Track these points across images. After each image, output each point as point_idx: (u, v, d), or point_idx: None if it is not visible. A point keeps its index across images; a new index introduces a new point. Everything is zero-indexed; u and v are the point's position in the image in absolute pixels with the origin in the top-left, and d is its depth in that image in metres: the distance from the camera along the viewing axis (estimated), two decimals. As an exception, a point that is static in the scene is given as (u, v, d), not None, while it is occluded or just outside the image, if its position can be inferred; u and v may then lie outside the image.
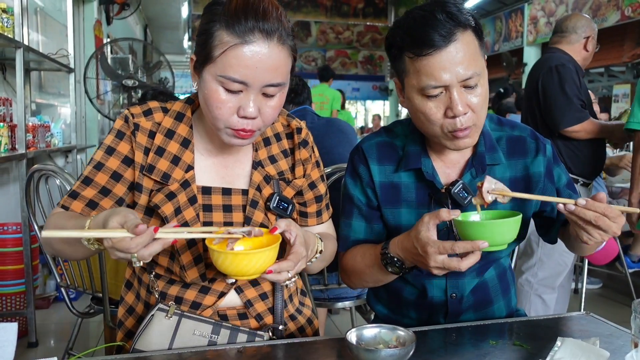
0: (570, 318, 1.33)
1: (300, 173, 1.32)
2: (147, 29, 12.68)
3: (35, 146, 3.57)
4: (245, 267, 1.00)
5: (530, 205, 1.36)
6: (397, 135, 1.39)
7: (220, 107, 1.10)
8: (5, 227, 3.18)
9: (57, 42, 4.92)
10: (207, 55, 1.09)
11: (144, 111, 1.22)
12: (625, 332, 1.20)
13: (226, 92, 1.09)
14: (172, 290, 1.23)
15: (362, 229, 1.39)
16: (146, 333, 1.18)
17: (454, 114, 1.18)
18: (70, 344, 2.42)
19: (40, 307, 3.53)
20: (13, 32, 3.04)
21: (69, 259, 1.20)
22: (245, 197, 1.24)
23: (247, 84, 1.07)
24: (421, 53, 1.16)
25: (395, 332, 1.08)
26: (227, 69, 1.06)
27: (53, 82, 5.10)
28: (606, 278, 4.41)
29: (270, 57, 1.07)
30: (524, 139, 1.37)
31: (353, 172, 1.39)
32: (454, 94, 1.17)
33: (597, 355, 1.01)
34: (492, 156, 1.32)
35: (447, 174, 1.34)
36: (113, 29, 7.51)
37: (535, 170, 1.34)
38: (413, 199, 1.34)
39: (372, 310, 1.60)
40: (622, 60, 8.45)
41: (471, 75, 1.17)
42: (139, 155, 1.19)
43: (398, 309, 1.44)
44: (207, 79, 1.10)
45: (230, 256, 1.00)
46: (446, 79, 1.16)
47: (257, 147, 1.29)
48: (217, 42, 1.07)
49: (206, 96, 1.11)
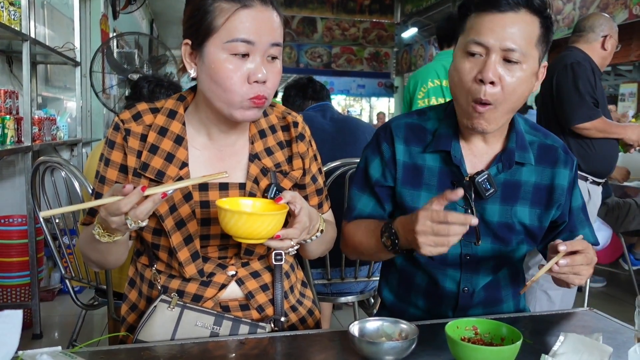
0: (573, 314, 1.33)
1: (298, 165, 1.32)
2: (153, 24, 12.69)
3: (41, 139, 3.58)
4: (257, 228, 1.01)
5: (548, 217, 1.35)
6: (430, 118, 1.38)
7: (232, 76, 1.11)
8: (11, 219, 3.20)
9: (63, 35, 4.94)
10: (207, 28, 1.12)
11: (132, 115, 1.23)
12: (629, 328, 1.20)
13: (233, 59, 1.11)
14: (173, 284, 1.24)
15: (370, 204, 1.39)
16: (149, 324, 1.19)
17: (482, 78, 1.18)
18: (74, 335, 2.44)
19: (45, 300, 3.55)
20: (20, 24, 3.05)
21: (108, 264, 1.24)
22: (242, 191, 1.24)
23: (254, 42, 1.11)
24: (483, 10, 1.20)
25: (398, 325, 1.08)
26: (233, 32, 1.10)
27: (59, 76, 5.11)
28: (610, 276, 4.40)
29: (270, 18, 1.14)
30: (556, 149, 1.36)
31: (375, 147, 1.39)
32: (491, 58, 1.18)
33: (600, 351, 1.01)
34: (523, 155, 1.31)
35: (473, 164, 1.33)
36: (119, 24, 7.52)
37: (559, 182, 1.34)
38: (435, 184, 1.33)
39: (375, 304, 1.60)
40: (629, 59, 8.39)
41: (515, 49, 1.17)
42: (132, 159, 1.20)
43: (407, 295, 1.43)
44: (212, 52, 1.12)
45: (244, 216, 1.01)
46: (489, 40, 1.18)
47: (253, 140, 1.28)
48: (217, 13, 1.11)
49: (213, 70, 1.12)
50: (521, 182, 1.33)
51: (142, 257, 1.29)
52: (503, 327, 1.05)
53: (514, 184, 1.32)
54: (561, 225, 1.39)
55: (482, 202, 1.30)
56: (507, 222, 1.32)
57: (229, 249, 1.24)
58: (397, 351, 1.00)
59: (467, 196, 1.27)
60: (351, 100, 22.70)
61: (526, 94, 1.24)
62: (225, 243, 1.23)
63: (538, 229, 1.35)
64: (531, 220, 1.34)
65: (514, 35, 1.17)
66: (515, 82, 1.19)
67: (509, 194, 1.32)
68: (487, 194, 1.26)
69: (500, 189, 1.31)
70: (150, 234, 1.21)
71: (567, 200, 1.36)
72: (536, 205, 1.34)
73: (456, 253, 1.34)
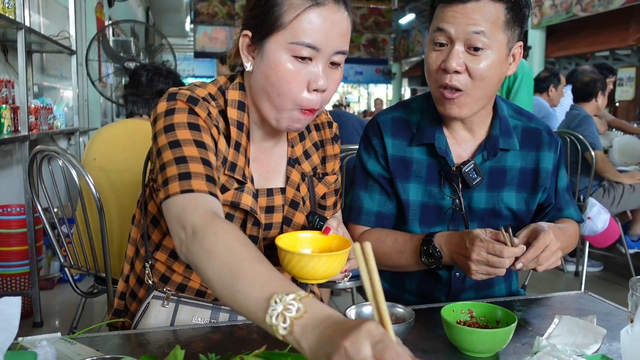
0: (568, 297, 1.34)
1: (331, 168, 1.30)
2: (149, 12, 12.62)
3: (38, 128, 3.57)
4: (329, 268, 0.99)
5: (535, 201, 1.38)
6: (414, 110, 1.39)
7: (290, 80, 1.04)
8: (9, 209, 3.20)
9: (58, 23, 4.90)
10: (273, 23, 1.03)
11: (202, 97, 1.10)
12: (623, 310, 1.21)
13: (295, 61, 1.04)
14: (175, 276, 1.21)
15: (375, 200, 1.39)
16: (144, 323, 1.17)
17: (445, 67, 1.21)
18: (74, 323, 2.45)
19: (45, 288, 3.56)
20: (14, 13, 3.03)
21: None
22: (283, 196, 1.20)
23: (320, 49, 1.03)
24: (446, 1, 1.21)
25: (394, 309, 1.09)
26: (300, 33, 1.02)
27: (55, 65, 5.09)
28: (607, 260, 4.42)
29: (341, 22, 1.05)
30: (540, 132, 1.37)
31: (368, 144, 1.40)
32: (454, 48, 1.21)
33: (594, 333, 1.02)
34: (507, 141, 1.33)
35: (458, 153, 1.34)
36: (115, 11, 7.47)
37: (544, 165, 1.36)
38: (423, 175, 1.35)
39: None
40: (627, 44, 8.39)
41: (477, 37, 1.18)
42: (222, 142, 1.10)
43: (401, 282, 1.45)
44: (273, 50, 1.04)
45: (324, 258, 0.98)
46: (451, 29, 1.20)
47: (293, 144, 1.23)
48: (286, 7, 1.02)
49: (272, 70, 1.04)
50: (507, 167, 1.35)
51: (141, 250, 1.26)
52: (498, 310, 1.06)
53: (499, 170, 1.34)
54: (548, 207, 1.42)
55: (469, 191, 1.32)
56: (494, 208, 1.35)
57: None
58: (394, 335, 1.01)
59: (454, 186, 1.31)
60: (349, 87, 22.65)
61: (497, 79, 1.25)
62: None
63: (526, 212, 1.37)
64: (518, 204, 1.36)
65: (476, 23, 1.18)
66: (482, 69, 1.21)
67: (496, 180, 1.34)
68: (474, 182, 1.29)
69: (487, 176, 1.33)
70: (161, 234, 1.19)
71: (552, 183, 1.39)
72: (523, 190, 1.36)
73: None
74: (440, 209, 1.35)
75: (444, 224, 1.36)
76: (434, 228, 1.36)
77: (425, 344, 1.05)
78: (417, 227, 1.37)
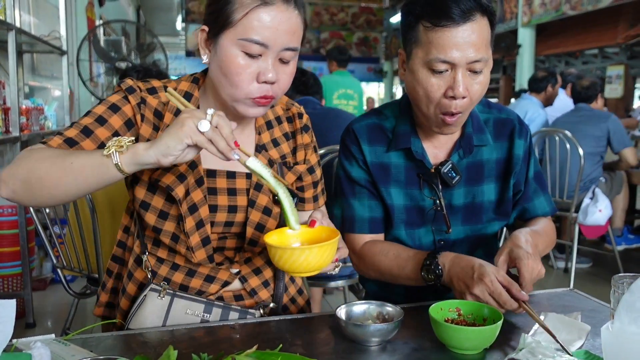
0: (555, 294, 1.36)
1: (301, 157, 1.32)
2: (139, 11, 12.55)
3: (29, 129, 3.56)
4: (319, 260, 1.00)
5: (509, 187, 1.39)
6: (387, 117, 1.41)
7: (240, 72, 1.10)
8: (1, 210, 3.19)
9: (49, 24, 4.88)
10: (225, 20, 1.09)
11: (147, 89, 1.20)
12: (607, 307, 1.24)
13: (245, 56, 1.09)
14: (176, 277, 1.23)
15: (365, 206, 1.40)
16: (139, 314, 1.20)
17: (454, 95, 1.19)
18: (67, 324, 2.46)
19: (37, 289, 3.56)
20: (5, 14, 3.02)
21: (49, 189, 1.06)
22: (249, 181, 1.24)
23: (268, 46, 1.09)
24: (438, 24, 1.17)
25: (384, 307, 1.11)
26: (249, 31, 1.08)
27: (46, 65, 5.07)
28: (596, 257, 4.47)
29: (290, 20, 1.10)
30: (511, 121, 1.40)
31: (347, 152, 1.41)
32: (459, 75, 1.18)
33: (578, 329, 1.05)
34: (480, 137, 1.35)
35: (435, 154, 1.37)
36: (105, 11, 7.44)
37: (516, 152, 1.38)
38: (402, 179, 1.37)
39: (364, 289, 1.64)
40: (616, 42, 8.44)
41: (480, 59, 1.18)
42: (147, 129, 1.17)
43: (388, 285, 1.47)
44: (225, 45, 1.10)
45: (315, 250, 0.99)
46: (456, 56, 1.17)
47: (260, 131, 1.28)
48: (237, 6, 1.08)
49: (224, 63, 1.11)
50: (483, 161, 1.37)
51: (135, 245, 1.28)
52: (485, 308, 1.08)
53: (477, 165, 1.37)
54: (517, 194, 1.42)
55: (449, 189, 1.34)
56: (473, 202, 1.37)
57: (227, 239, 1.25)
58: (383, 333, 1.03)
59: (433, 187, 1.33)
60: (341, 86, 22.58)
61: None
62: (227, 232, 1.23)
63: (506, 201, 1.39)
64: (498, 195, 1.39)
65: (476, 46, 1.17)
66: (480, 88, 1.22)
67: (474, 175, 1.37)
68: (453, 182, 1.32)
69: (465, 173, 1.35)
70: (155, 217, 1.20)
71: (522, 168, 1.40)
72: (500, 179, 1.39)
73: (429, 240, 1.40)
74: (422, 211, 1.37)
75: (427, 224, 1.38)
76: (418, 230, 1.38)
77: (413, 342, 1.07)
78: (403, 229, 1.38)
